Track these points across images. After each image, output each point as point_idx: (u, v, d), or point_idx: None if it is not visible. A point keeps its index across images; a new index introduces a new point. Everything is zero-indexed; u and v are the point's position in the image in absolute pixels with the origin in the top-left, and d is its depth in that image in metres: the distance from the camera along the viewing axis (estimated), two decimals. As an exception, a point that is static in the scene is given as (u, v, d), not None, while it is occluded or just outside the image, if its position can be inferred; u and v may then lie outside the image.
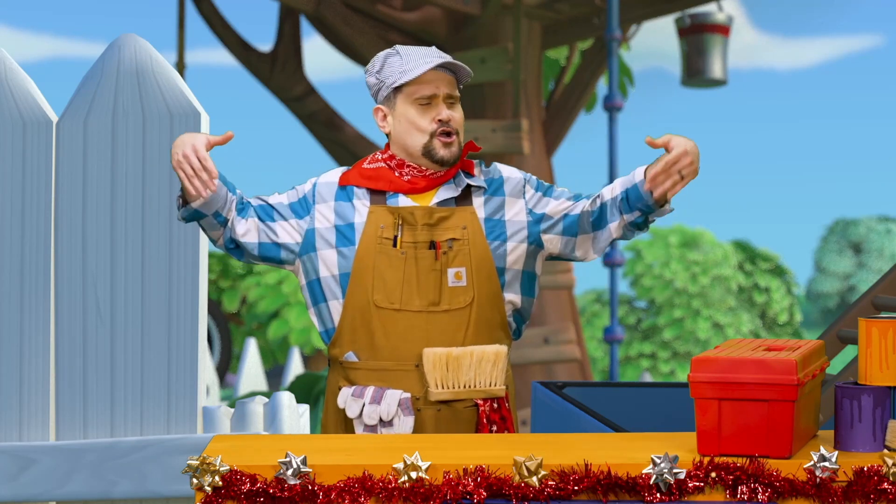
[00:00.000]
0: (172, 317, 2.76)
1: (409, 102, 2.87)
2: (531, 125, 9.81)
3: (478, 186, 2.92)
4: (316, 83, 12.91)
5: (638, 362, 21.38)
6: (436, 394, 2.78)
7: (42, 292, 2.79)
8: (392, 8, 9.77)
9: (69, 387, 2.78)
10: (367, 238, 2.84)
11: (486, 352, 2.82)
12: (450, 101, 2.88)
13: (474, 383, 2.82)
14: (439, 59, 2.85)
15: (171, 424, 2.75)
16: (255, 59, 10.11)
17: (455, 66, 2.87)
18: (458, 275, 2.85)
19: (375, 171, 2.90)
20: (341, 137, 10.15)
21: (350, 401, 2.84)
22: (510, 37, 9.65)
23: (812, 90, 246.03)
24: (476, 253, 2.86)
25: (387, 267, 2.82)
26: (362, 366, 2.85)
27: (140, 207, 2.77)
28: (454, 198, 2.90)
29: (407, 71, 2.85)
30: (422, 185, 2.87)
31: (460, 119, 2.91)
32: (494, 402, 2.85)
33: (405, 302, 2.82)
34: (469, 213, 2.88)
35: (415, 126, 2.86)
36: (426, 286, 2.83)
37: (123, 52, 2.79)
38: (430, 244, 2.85)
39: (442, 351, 2.79)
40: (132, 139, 2.78)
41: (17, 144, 2.80)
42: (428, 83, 2.85)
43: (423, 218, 2.83)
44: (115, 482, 2.70)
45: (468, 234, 2.86)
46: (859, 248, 45.82)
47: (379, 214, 2.85)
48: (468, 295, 2.85)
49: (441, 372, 2.78)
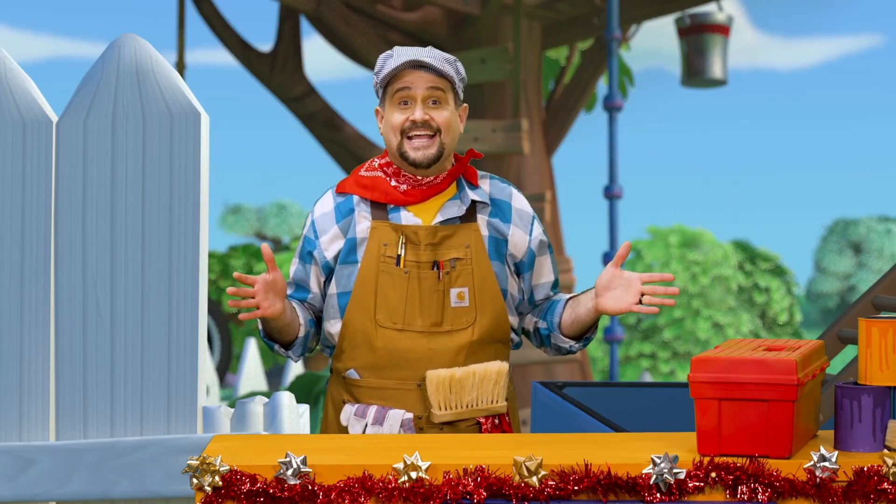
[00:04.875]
0: (172, 317, 2.76)
1: (392, 103, 2.81)
2: (531, 125, 9.81)
3: (482, 203, 2.86)
4: (316, 83, 12.89)
5: (638, 362, 21.38)
6: (439, 416, 2.77)
7: (42, 292, 2.79)
8: (392, 8, 9.76)
9: (69, 387, 2.78)
10: (369, 255, 2.80)
11: (488, 370, 2.80)
12: (432, 100, 2.79)
13: (476, 402, 2.81)
14: (411, 56, 2.76)
15: (171, 424, 2.75)
16: (255, 59, 10.11)
17: (430, 64, 2.76)
18: (461, 295, 2.82)
19: (372, 180, 2.85)
20: (341, 137, 10.14)
21: (353, 420, 2.84)
22: (510, 37, 9.65)
23: (812, 90, 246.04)
24: (479, 272, 2.81)
25: (390, 286, 2.79)
26: (364, 384, 2.84)
27: (140, 207, 2.77)
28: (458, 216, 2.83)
29: (385, 68, 2.80)
30: (418, 198, 2.82)
31: (443, 119, 2.80)
32: (496, 417, 2.85)
33: (408, 322, 2.79)
34: (473, 231, 2.82)
35: (391, 126, 2.81)
36: (429, 306, 2.79)
37: (123, 52, 2.79)
38: (433, 264, 2.81)
39: (445, 373, 2.77)
40: (132, 139, 2.78)
41: (17, 144, 2.81)
42: (405, 81, 2.78)
43: (426, 238, 2.78)
44: (115, 482, 2.70)
45: (471, 253, 2.81)
46: (859, 248, 45.81)
47: (382, 231, 2.80)
48: (470, 315, 2.82)
49: (444, 394, 2.77)
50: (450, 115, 2.82)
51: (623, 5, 9.88)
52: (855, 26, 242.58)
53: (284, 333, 2.86)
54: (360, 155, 10.12)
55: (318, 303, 2.94)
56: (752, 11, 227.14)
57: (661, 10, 9.92)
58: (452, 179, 2.86)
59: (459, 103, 2.87)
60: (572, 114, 10.28)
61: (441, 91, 2.80)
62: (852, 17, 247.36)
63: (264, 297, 2.72)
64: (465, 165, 2.87)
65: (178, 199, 2.77)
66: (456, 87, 2.84)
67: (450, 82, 2.82)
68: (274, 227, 41.10)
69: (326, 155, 10.29)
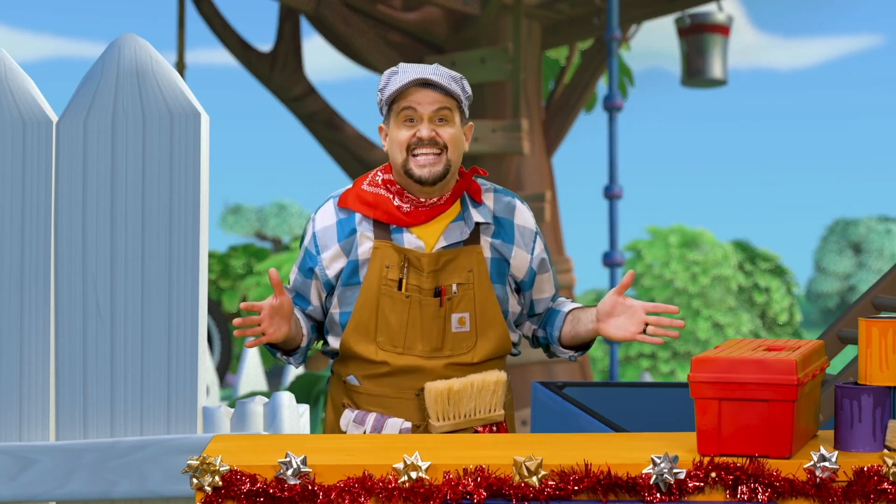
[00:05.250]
0: (172, 317, 2.76)
1: (397, 120, 2.78)
2: (531, 125, 9.80)
3: (486, 223, 2.83)
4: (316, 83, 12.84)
5: (638, 362, 21.37)
6: (437, 427, 2.77)
7: (42, 292, 2.79)
8: (392, 8, 9.76)
9: (69, 387, 2.78)
10: (371, 276, 2.78)
11: (486, 381, 2.80)
12: (439, 118, 2.76)
13: (474, 412, 2.80)
14: (417, 75, 2.73)
15: (171, 424, 2.75)
16: (255, 59, 10.11)
17: (437, 83, 2.74)
18: (462, 320, 2.80)
19: (375, 197, 2.81)
20: (341, 137, 10.14)
21: (352, 426, 2.84)
22: (510, 37, 9.65)
23: (812, 90, 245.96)
24: (480, 297, 2.80)
25: (391, 310, 2.77)
26: (363, 390, 2.84)
27: (140, 207, 2.77)
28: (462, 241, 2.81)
29: (390, 86, 2.77)
30: (421, 219, 2.79)
31: (450, 137, 2.77)
32: (493, 425, 2.85)
33: (408, 346, 2.78)
34: (476, 254, 2.80)
35: (396, 143, 2.77)
36: (429, 332, 2.78)
37: (123, 52, 2.79)
38: (435, 290, 2.80)
39: (443, 385, 2.77)
40: (132, 139, 2.78)
41: (17, 144, 2.80)
42: (411, 100, 2.75)
43: (429, 265, 2.76)
44: (115, 482, 2.70)
45: (474, 278, 2.79)
46: (859, 248, 45.80)
47: (384, 252, 2.78)
48: (471, 340, 2.81)
49: (442, 406, 2.77)
50: (456, 133, 2.79)
51: (623, 5, 9.88)
52: (855, 26, 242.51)
53: (287, 344, 2.86)
54: (359, 155, 10.12)
55: (318, 314, 2.94)
56: (752, 11, 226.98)
57: (661, 10, 9.92)
58: (456, 198, 2.82)
59: (465, 121, 2.84)
60: (572, 114, 10.28)
61: (447, 109, 2.77)
62: (852, 17, 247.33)
63: (269, 323, 2.72)
64: (468, 182, 2.84)
65: (178, 199, 2.77)
66: (462, 105, 2.81)
67: (456, 101, 2.79)
68: (274, 227, 41.09)
69: (326, 155, 10.29)
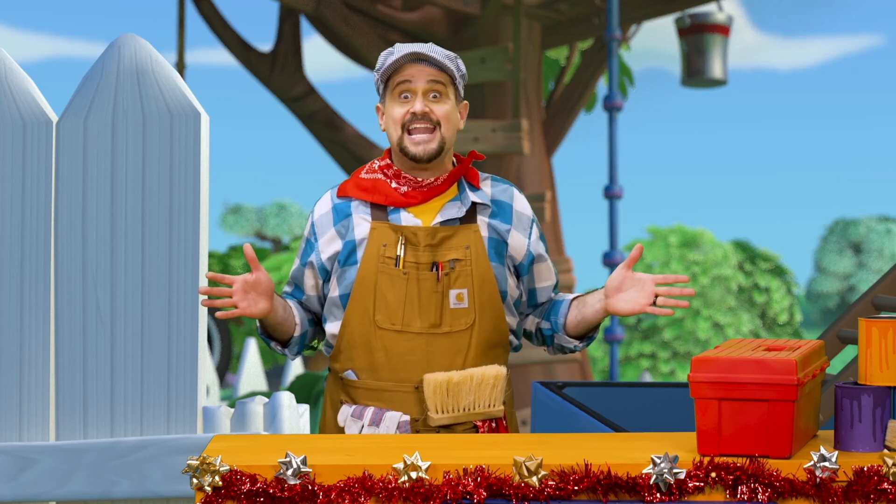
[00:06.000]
0: (172, 317, 2.76)
1: (392, 96, 2.81)
2: (531, 125, 9.81)
3: (483, 204, 2.87)
4: (316, 83, 12.88)
5: (638, 362, 21.37)
6: (436, 419, 2.76)
7: (42, 292, 2.79)
8: (392, 8, 9.77)
9: (69, 387, 2.78)
10: (368, 256, 2.80)
11: (486, 374, 2.79)
12: (433, 94, 2.79)
13: (474, 406, 2.80)
14: (411, 50, 2.77)
15: (171, 424, 2.75)
16: (255, 59, 10.11)
17: (431, 57, 2.78)
18: (460, 296, 2.81)
19: (372, 182, 2.84)
20: (341, 137, 10.15)
21: (350, 421, 2.83)
22: (510, 37, 9.65)
23: (812, 90, 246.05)
24: (478, 273, 2.80)
25: (388, 287, 2.78)
26: (361, 385, 2.84)
27: (140, 207, 2.77)
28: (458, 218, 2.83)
29: (386, 63, 2.81)
30: (419, 199, 2.81)
31: (443, 113, 2.80)
32: (493, 421, 2.84)
33: (406, 323, 2.79)
34: (473, 232, 2.81)
35: (392, 119, 2.81)
36: (427, 308, 2.79)
37: (123, 52, 2.79)
38: (433, 265, 2.81)
39: (442, 376, 2.76)
40: (132, 139, 2.78)
41: (17, 144, 2.80)
42: (405, 74, 2.79)
43: (425, 239, 2.78)
44: (115, 482, 2.70)
45: (471, 254, 2.80)
46: (859, 248, 45.82)
47: (381, 231, 2.80)
48: (469, 317, 2.81)
49: (441, 398, 2.76)
50: (449, 109, 2.82)
51: (623, 5, 9.88)
52: (855, 26, 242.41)
53: (279, 332, 2.86)
54: (359, 155, 10.12)
55: (314, 304, 2.94)
56: (752, 11, 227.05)
57: (661, 10, 9.92)
58: (453, 181, 2.85)
59: (460, 99, 2.87)
60: (572, 114, 10.28)
61: (441, 85, 2.80)
62: (852, 17, 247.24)
63: (243, 296, 2.71)
64: (466, 167, 2.87)
65: (177, 198, 2.77)
66: (456, 82, 2.84)
67: (450, 77, 2.82)
68: (274, 227, 41.10)
69: (326, 155, 10.30)
